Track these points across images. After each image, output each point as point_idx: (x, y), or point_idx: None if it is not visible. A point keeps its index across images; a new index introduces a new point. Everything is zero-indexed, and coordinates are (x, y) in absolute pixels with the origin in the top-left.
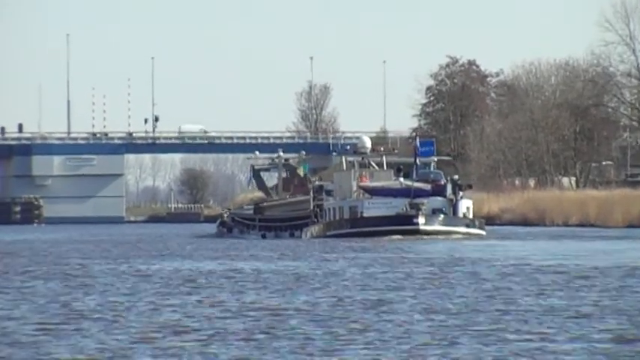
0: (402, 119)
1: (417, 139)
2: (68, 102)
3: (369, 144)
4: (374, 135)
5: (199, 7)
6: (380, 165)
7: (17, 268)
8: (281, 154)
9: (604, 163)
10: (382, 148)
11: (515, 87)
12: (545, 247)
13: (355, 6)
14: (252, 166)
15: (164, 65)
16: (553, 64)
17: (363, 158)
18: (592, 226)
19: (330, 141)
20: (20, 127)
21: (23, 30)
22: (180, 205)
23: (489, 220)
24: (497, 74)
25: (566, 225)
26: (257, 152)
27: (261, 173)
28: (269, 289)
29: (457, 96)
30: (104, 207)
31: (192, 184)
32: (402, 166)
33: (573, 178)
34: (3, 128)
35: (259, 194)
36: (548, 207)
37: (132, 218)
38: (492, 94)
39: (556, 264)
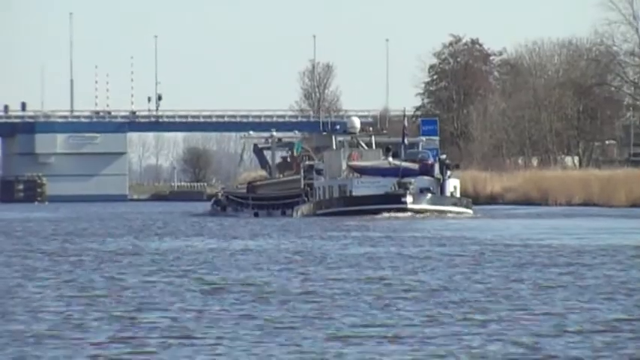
0: (405, 98)
1: (405, 120)
2: (71, 80)
3: (358, 124)
4: (376, 114)
5: None
6: (369, 145)
7: None
8: (274, 133)
9: (607, 142)
10: (371, 128)
11: (518, 66)
12: (529, 224)
13: None
14: (255, 145)
15: (167, 44)
16: (556, 43)
17: (352, 138)
18: (595, 205)
19: (331, 120)
20: (23, 106)
21: (27, 9)
22: (183, 184)
23: (492, 200)
24: (501, 53)
25: (569, 204)
26: (251, 132)
27: (264, 152)
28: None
29: (460, 75)
30: (107, 185)
31: (195, 162)
32: (390, 146)
33: (576, 158)
34: (6, 106)
35: (262, 173)
36: (551, 186)
37: (135, 196)
38: (495, 73)
39: (522, 243)
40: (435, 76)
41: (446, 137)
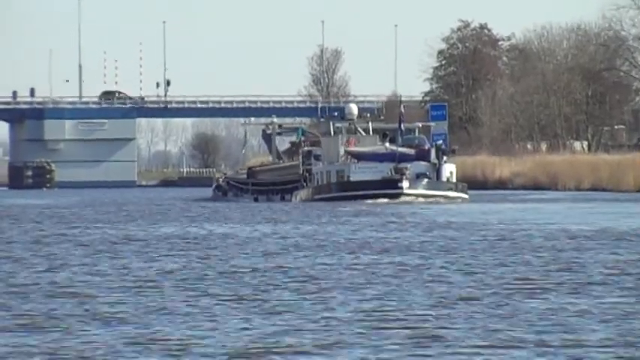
0: (414, 83)
1: (401, 106)
2: (80, 66)
3: (355, 110)
4: (385, 99)
5: None
6: (367, 131)
7: None
8: (274, 119)
9: (616, 127)
10: (368, 115)
11: (527, 51)
12: (520, 208)
13: None
14: (264, 131)
15: (176, 29)
16: (565, 27)
17: (350, 124)
18: (604, 190)
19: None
20: (32, 92)
21: None
22: (191, 170)
23: (501, 185)
24: (509, 38)
25: (578, 189)
26: (252, 118)
27: (277, 137)
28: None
29: (469, 60)
30: (116, 171)
31: (204, 148)
32: (387, 132)
33: (585, 142)
34: (15, 92)
35: (270, 158)
36: (560, 171)
37: (144, 182)
38: (504, 58)
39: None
40: (443, 62)
41: (455, 122)
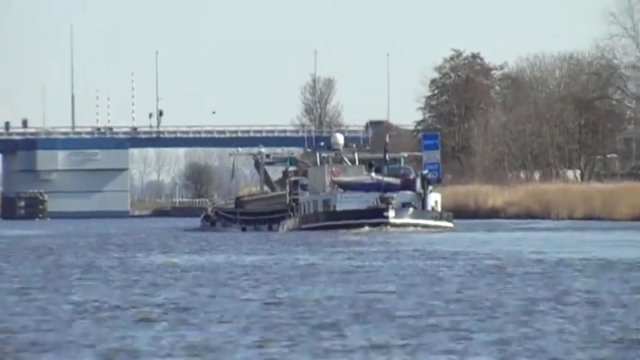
0: (407, 112)
1: (387, 136)
2: (72, 97)
3: (341, 140)
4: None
5: (203, 1)
6: (352, 161)
7: None
8: (262, 149)
9: (609, 155)
10: (354, 145)
11: (519, 80)
12: (505, 237)
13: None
14: (257, 161)
15: (168, 59)
16: (557, 56)
17: (336, 154)
18: (597, 219)
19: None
20: (25, 123)
21: (28, 25)
22: (184, 200)
23: (494, 214)
24: (502, 67)
25: (571, 218)
26: (239, 149)
27: (266, 167)
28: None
29: (461, 89)
30: (109, 201)
31: (197, 178)
32: (373, 162)
33: (578, 171)
34: (7, 123)
35: (265, 187)
36: (552, 200)
37: (137, 212)
38: (497, 87)
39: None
40: (436, 90)
41: (447, 151)
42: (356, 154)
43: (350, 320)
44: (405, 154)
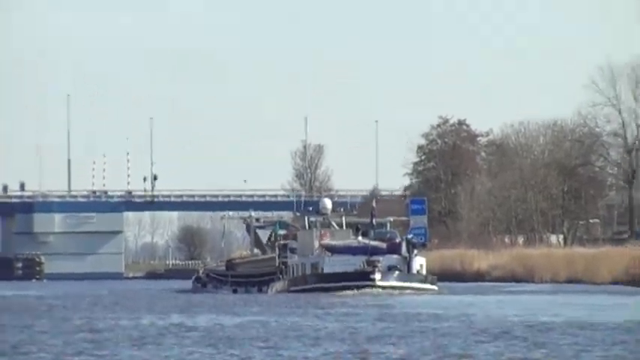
0: (395, 177)
1: (373, 201)
2: (69, 161)
3: (329, 205)
4: (366, 193)
5: (196, 68)
6: (340, 225)
7: None
8: (252, 214)
9: (591, 221)
10: (342, 209)
11: (504, 146)
12: (488, 300)
13: (348, 67)
14: (248, 225)
15: (162, 125)
16: (541, 124)
17: (324, 218)
18: (580, 282)
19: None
20: (22, 186)
21: (26, 90)
22: (177, 262)
23: (479, 277)
24: (487, 134)
25: (555, 281)
26: (230, 212)
27: (258, 230)
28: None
29: (448, 155)
30: (104, 263)
31: (190, 240)
32: (360, 226)
33: (561, 236)
34: (5, 186)
35: (255, 250)
36: (536, 264)
37: (131, 274)
38: (482, 153)
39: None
40: (423, 157)
41: (434, 216)
42: (343, 219)
43: None
44: (391, 219)
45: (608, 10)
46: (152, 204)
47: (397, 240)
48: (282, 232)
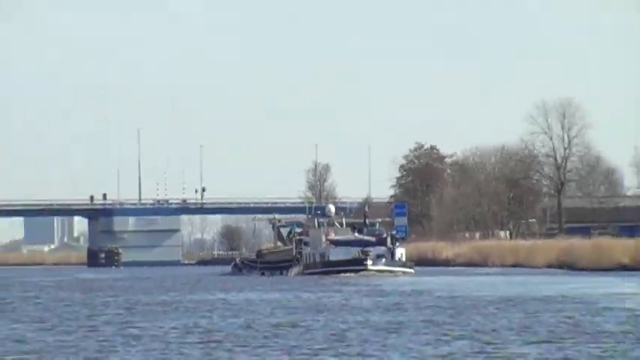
0: (383, 189)
1: (366, 207)
2: (139, 178)
3: (333, 210)
4: (361, 200)
5: (233, 109)
6: (341, 224)
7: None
8: (276, 216)
9: (530, 220)
10: (342, 213)
11: (465, 165)
12: (446, 281)
13: (347, 104)
14: (273, 224)
15: (210, 150)
16: (492, 148)
17: (329, 220)
18: (521, 266)
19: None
20: (104, 196)
21: (102, 127)
22: (221, 252)
23: (446, 263)
24: (452, 155)
25: (503, 266)
26: (259, 215)
27: (281, 229)
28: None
29: (422, 171)
30: (166, 254)
31: (230, 236)
32: (356, 225)
33: (508, 232)
34: (92, 197)
35: (279, 244)
36: (489, 252)
37: (186, 262)
38: (448, 170)
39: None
40: (404, 173)
41: (413, 217)
42: (344, 220)
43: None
44: (380, 220)
45: (541, 55)
46: (202, 209)
47: (384, 235)
48: (298, 230)
